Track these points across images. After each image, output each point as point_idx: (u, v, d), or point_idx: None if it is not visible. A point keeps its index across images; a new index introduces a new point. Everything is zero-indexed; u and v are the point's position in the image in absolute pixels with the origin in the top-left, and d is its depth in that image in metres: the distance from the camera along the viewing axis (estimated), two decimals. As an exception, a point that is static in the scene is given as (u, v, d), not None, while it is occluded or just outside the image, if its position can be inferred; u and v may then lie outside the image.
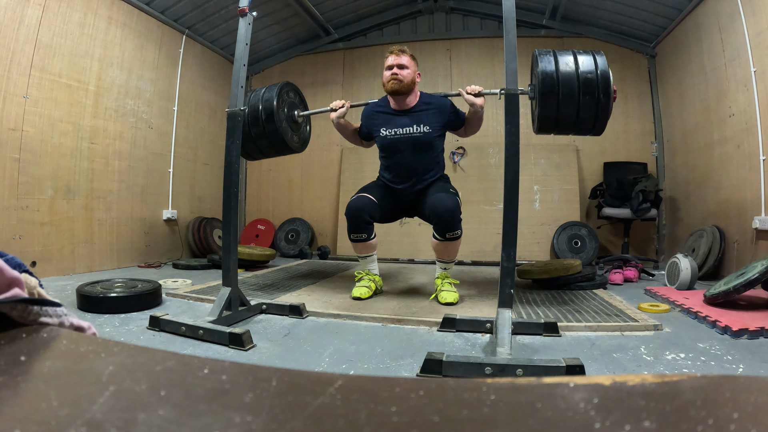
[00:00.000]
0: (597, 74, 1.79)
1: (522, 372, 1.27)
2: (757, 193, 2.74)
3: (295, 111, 2.47)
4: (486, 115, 4.48)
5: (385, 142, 2.35)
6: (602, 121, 1.87)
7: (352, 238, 2.35)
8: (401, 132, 2.31)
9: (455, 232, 2.22)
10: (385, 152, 2.39)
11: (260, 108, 2.27)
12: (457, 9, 4.70)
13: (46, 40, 2.80)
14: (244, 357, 1.50)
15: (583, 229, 3.92)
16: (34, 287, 0.43)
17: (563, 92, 1.79)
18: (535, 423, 0.22)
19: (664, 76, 4.13)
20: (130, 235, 3.52)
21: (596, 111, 1.83)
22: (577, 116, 1.83)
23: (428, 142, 2.31)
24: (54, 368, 0.31)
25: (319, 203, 4.80)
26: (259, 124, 2.28)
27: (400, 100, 2.33)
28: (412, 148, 2.31)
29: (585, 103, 1.80)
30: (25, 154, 2.71)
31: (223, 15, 4.00)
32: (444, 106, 2.34)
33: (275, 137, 2.32)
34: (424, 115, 2.31)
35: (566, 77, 1.79)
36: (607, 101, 1.80)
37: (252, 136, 2.31)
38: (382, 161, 2.44)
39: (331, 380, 0.27)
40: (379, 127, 2.36)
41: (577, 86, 1.78)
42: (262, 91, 2.34)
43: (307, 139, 2.67)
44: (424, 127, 2.29)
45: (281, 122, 2.32)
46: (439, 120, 2.31)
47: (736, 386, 0.26)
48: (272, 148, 2.41)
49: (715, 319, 1.80)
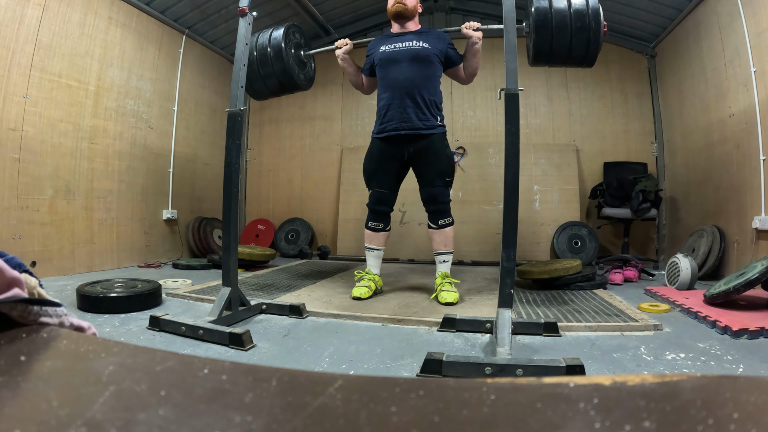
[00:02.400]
0: (588, 8, 1.90)
1: (522, 372, 1.27)
2: (757, 193, 2.74)
3: (301, 51, 2.54)
4: (486, 115, 4.55)
5: (383, 56, 2.38)
6: (593, 51, 1.96)
7: (370, 226, 2.48)
8: (401, 45, 2.36)
9: (446, 219, 2.39)
10: (383, 67, 2.39)
11: (269, 48, 2.33)
12: (457, 9, 4.70)
13: (46, 40, 2.80)
14: (244, 357, 1.50)
15: (583, 229, 3.92)
16: (34, 287, 0.43)
17: (556, 24, 1.89)
18: (535, 423, 0.22)
19: (664, 76, 4.13)
20: (130, 235, 3.52)
21: (588, 41, 1.93)
22: (569, 47, 1.94)
23: (427, 56, 2.33)
24: (54, 368, 0.31)
25: (319, 203, 4.80)
26: (268, 63, 2.34)
27: (402, 24, 2.43)
28: (410, 59, 2.32)
29: (577, 35, 1.90)
30: (25, 154, 2.71)
31: (223, 15, 4.00)
32: (443, 36, 2.42)
33: (284, 75, 2.39)
34: (425, 36, 2.38)
35: (559, 11, 1.90)
36: (598, 31, 1.91)
37: (261, 75, 2.38)
38: (380, 83, 2.43)
39: (331, 380, 0.27)
40: (380, 46, 2.41)
41: (570, 19, 1.89)
42: (269, 31, 2.40)
43: (312, 77, 2.74)
44: (423, 43, 2.34)
45: (289, 60, 2.38)
46: (439, 45, 2.37)
47: (736, 386, 0.26)
48: (281, 86, 2.47)
49: (715, 319, 1.80)
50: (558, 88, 4.45)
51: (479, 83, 4.54)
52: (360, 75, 2.59)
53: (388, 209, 2.46)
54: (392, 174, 2.44)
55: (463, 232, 4.13)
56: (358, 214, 4.32)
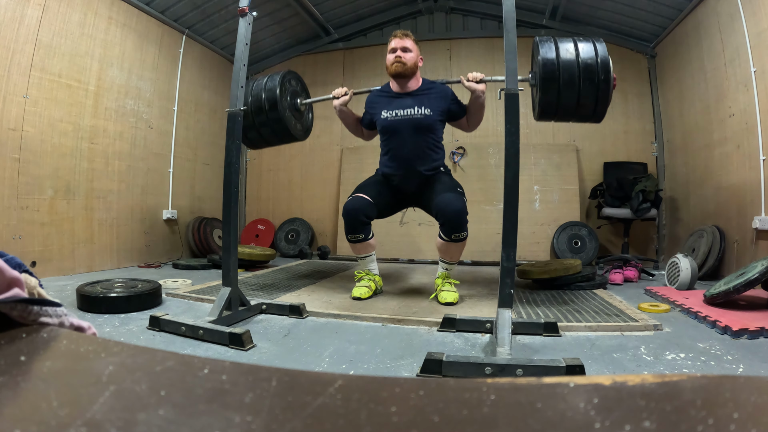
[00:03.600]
0: (597, 61, 1.81)
1: (522, 372, 1.27)
2: (757, 193, 2.74)
3: (298, 99, 2.48)
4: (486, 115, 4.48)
5: (385, 124, 2.35)
6: (602, 108, 1.88)
7: (349, 238, 2.34)
8: (402, 113, 2.32)
9: (461, 233, 2.20)
10: (386, 135, 2.38)
11: (263, 96, 2.27)
12: (457, 9, 4.70)
13: (46, 40, 2.80)
14: (244, 357, 1.50)
15: (583, 229, 3.92)
16: (34, 287, 0.43)
17: (564, 78, 1.80)
18: (535, 423, 0.22)
19: (664, 76, 4.13)
20: (130, 235, 3.52)
21: (596, 97, 1.84)
22: (577, 102, 1.85)
23: (429, 125, 2.31)
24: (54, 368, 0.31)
25: (319, 203, 4.80)
26: (263, 112, 2.28)
27: (403, 83, 2.36)
28: (412, 129, 2.31)
29: (585, 90, 1.81)
30: (25, 154, 2.71)
31: (223, 15, 4.00)
32: (445, 92, 2.37)
33: (279, 125, 2.33)
34: (426, 98, 2.33)
35: (567, 64, 1.81)
36: (607, 88, 1.82)
37: (255, 125, 2.31)
38: (383, 146, 2.43)
39: (331, 380, 0.27)
40: (380, 109, 2.37)
41: (578, 72, 1.80)
42: (264, 79, 2.34)
43: (309, 126, 2.68)
44: (425, 109, 2.30)
45: (284, 110, 2.33)
46: (441, 105, 2.33)
47: (736, 386, 0.26)
48: (275, 136, 2.41)
49: (715, 319, 1.80)
50: (558, 88, 4.45)
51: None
52: (359, 126, 2.55)
53: (363, 218, 2.27)
54: (383, 195, 2.38)
55: (463, 232, 4.13)
56: (358, 214, 4.31)
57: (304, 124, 2.58)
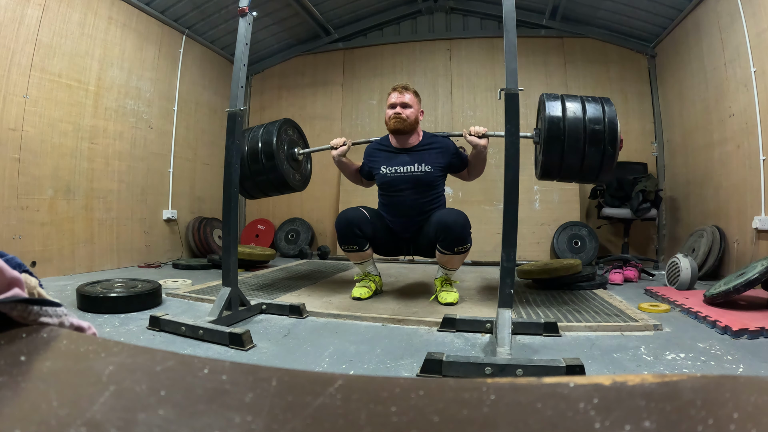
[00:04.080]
0: (605, 124, 1.73)
1: (522, 372, 1.27)
2: (757, 193, 2.74)
3: (296, 149, 2.43)
4: (486, 115, 4.54)
5: (385, 180, 2.32)
6: (607, 172, 1.81)
7: (343, 248, 2.30)
8: (402, 170, 2.28)
9: (465, 245, 2.15)
10: (385, 190, 2.35)
11: (260, 147, 2.23)
12: (457, 9, 4.70)
13: (46, 40, 2.80)
14: (244, 357, 1.50)
15: (583, 229, 3.92)
16: (34, 287, 0.43)
17: (569, 141, 1.74)
18: (535, 423, 0.22)
19: (664, 76, 4.13)
20: (130, 235, 3.52)
21: (601, 162, 1.77)
22: (581, 166, 1.79)
23: (429, 182, 2.27)
24: (54, 368, 0.31)
25: (319, 203, 4.80)
26: (259, 163, 2.24)
27: (402, 139, 2.32)
28: (412, 187, 2.27)
29: (590, 154, 1.74)
30: (25, 154, 2.71)
31: (223, 15, 4.00)
32: (447, 146, 2.31)
33: (276, 176, 2.29)
34: (426, 154, 2.28)
35: (573, 125, 1.73)
36: (612, 153, 1.75)
37: (251, 175, 2.26)
38: (381, 199, 2.39)
39: (331, 380, 0.27)
40: (379, 165, 2.33)
41: (584, 136, 1.73)
42: (260, 129, 2.30)
43: (308, 177, 2.64)
44: (425, 166, 2.26)
45: (282, 162, 2.29)
46: (441, 160, 2.28)
47: (736, 386, 0.26)
48: (273, 187, 2.37)
49: (715, 319, 1.80)
50: (558, 88, 4.45)
51: (479, 83, 4.56)
52: (358, 175, 2.51)
53: (357, 232, 2.21)
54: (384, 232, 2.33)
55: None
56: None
57: (302, 173, 2.54)
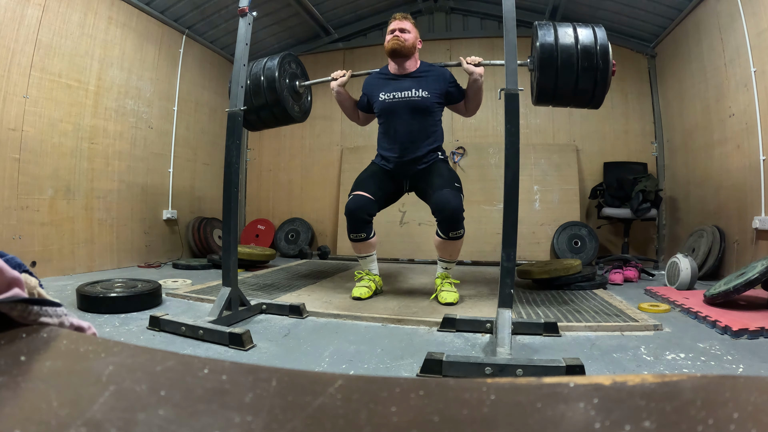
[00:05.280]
0: (596, 46, 1.79)
1: (522, 372, 1.27)
2: (757, 193, 2.74)
3: (297, 81, 2.48)
4: (486, 115, 4.55)
5: (383, 106, 2.35)
6: (600, 94, 1.86)
7: (351, 237, 2.36)
8: (400, 95, 2.31)
9: (458, 231, 2.22)
10: (383, 117, 2.38)
11: (262, 78, 2.27)
12: (457, 9, 4.70)
13: (46, 40, 2.80)
14: (244, 357, 1.50)
15: (583, 229, 3.92)
16: (34, 287, 0.43)
17: (562, 62, 1.79)
18: (535, 423, 0.22)
19: (664, 76, 4.13)
20: (130, 235, 3.52)
21: (594, 82, 1.82)
22: (575, 87, 1.84)
23: (426, 107, 2.30)
24: (54, 368, 0.31)
25: (319, 203, 4.80)
26: (261, 93, 2.28)
27: (400, 63, 2.35)
28: (410, 112, 2.30)
29: (584, 74, 1.80)
30: (25, 154, 2.71)
31: (223, 15, 4.00)
32: (443, 74, 2.35)
33: (277, 107, 2.33)
34: (423, 80, 2.32)
35: (565, 48, 1.79)
36: (605, 73, 1.80)
37: (254, 106, 2.30)
38: (380, 128, 2.42)
39: (331, 380, 0.27)
40: (378, 91, 2.37)
41: (576, 57, 1.79)
42: (264, 61, 2.34)
43: (308, 109, 2.67)
44: (422, 91, 2.29)
45: (283, 92, 2.32)
46: (439, 87, 2.32)
47: (736, 386, 0.26)
48: (274, 118, 2.41)
49: (715, 319, 1.80)
50: (558, 88, 4.45)
51: (479, 83, 4.55)
52: (355, 109, 2.55)
53: (366, 216, 2.31)
54: (383, 188, 2.38)
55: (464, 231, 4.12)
56: (358, 214, 4.32)
57: (302, 106, 2.58)
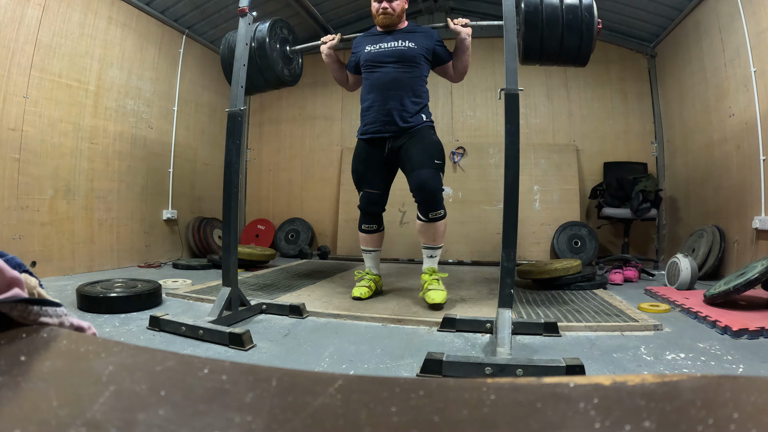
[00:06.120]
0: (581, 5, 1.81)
1: (522, 372, 1.27)
2: (757, 193, 2.74)
3: (287, 46, 2.51)
4: (486, 115, 4.55)
5: (368, 56, 2.34)
6: (586, 50, 1.88)
7: (364, 228, 2.46)
8: (386, 46, 2.31)
9: (438, 212, 2.24)
10: (368, 67, 2.35)
11: (253, 42, 2.28)
12: (457, 9, 4.69)
13: (46, 40, 2.80)
14: (244, 357, 1.50)
15: (583, 229, 3.92)
16: (34, 287, 0.43)
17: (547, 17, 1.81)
18: (535, 423, 0.22)
19: (664, 76, 4.13)
20: (130, 235, 3.52)
21: (580, 38, 1.84)
22: (560, 43, 1.85)
23: (413, 56, 2.28)
24: (54, 368, 0.31)
25: (319, 203, 4.80)
26: (253, 57, 2.28)
27: (389, 29, 2.37)
28: (395, 61, 2.28)
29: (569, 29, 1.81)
30: (25, 154, 2.71)
31: (223, 15, 4.00)
32: (431, 33, 2.36)
33: (268, 72, 2.36)
34: (411, 35, 2.33)
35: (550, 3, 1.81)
36: (591, 28, 1.82)
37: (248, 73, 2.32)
38: (364, 81, 2.39)
39: (331, 380, 0.27)
40: (365, 46, 2.38)
41: (561, 12, 1.81)
42: (255, 25, 2.35)
43: (298, 74, 2.70)
44: (409, 42, 2.30)
45: (272, 53, 2.35)
46: (426, 43, 2.31)
47: (736, 386, 0.26)
48: (265, 81, 2.44)
49: (715, 319, 1.80)
50: (558, 87, 4.45)
51: (479, 83, 4.55)
52: (344, 72, 2.56)
53: (379, 210, 2.43)
54: (381, 174, 2.38)
55: (464, 232, 4.13)
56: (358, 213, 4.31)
57: (292, 70, 2.60)
